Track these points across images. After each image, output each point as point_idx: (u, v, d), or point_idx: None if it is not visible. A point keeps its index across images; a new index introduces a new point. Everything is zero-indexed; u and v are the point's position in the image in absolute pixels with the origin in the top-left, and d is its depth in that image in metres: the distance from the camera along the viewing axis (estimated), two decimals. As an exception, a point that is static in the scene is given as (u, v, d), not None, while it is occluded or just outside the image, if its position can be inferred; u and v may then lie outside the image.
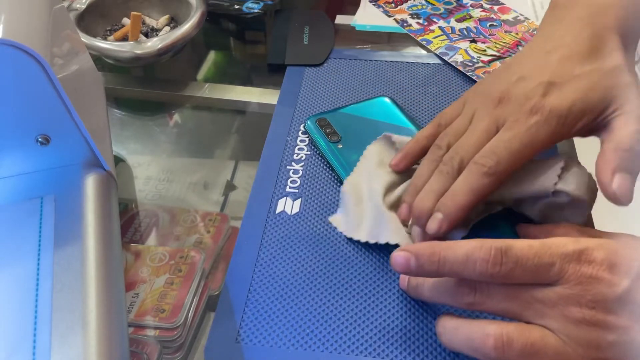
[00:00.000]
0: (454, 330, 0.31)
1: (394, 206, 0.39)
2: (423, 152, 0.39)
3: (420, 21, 0.60)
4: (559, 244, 0.29)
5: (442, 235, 0.35)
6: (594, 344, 0.27)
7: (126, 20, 0.56)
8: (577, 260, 0.28)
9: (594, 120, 0.34)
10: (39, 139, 0.34)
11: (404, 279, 0.35)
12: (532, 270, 0.28)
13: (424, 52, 0.56)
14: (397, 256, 0.31)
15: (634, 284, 0.27)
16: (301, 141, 0.46)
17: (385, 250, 0.38)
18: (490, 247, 0.29)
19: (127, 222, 0.42)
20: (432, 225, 0.35)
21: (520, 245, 0.29)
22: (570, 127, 0.34)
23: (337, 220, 0.40)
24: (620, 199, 0.32)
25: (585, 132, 0.35)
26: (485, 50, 0.55)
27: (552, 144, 0.35)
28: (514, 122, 0.35)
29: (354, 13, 0.62)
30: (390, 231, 0.37)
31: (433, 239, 0.35)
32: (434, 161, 0.37)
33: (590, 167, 0.35)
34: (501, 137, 0.35)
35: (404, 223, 0.38)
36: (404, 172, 0.40)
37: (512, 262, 0.28)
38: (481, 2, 0.63)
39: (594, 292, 0.27)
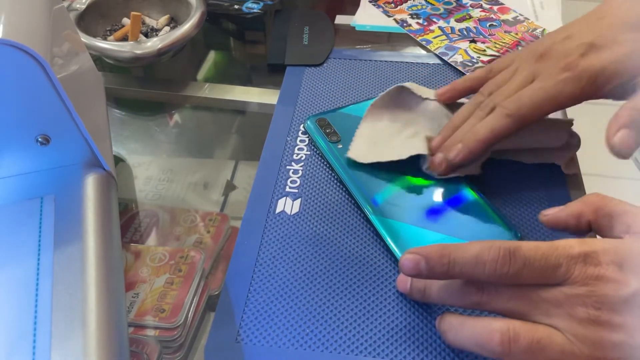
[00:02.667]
0: (459, 327, 0.31)
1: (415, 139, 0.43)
2: (467, 91, 0.43)
3: (420, 21, 0.60)
4: (565, 245, 0.29)
5: (458, 164, 0.39)
6: (599, 344, 0.27)
7: (126, 20, 0.56)
8: (584, 262, 0.28)
9: (624, 84, 0.36)
10: (39, 139, 0.34)
11: (404, 283, 0.35)
12: (539, 271, 0.28)
13: (423, 52, 0.56)
14: (405, 259, 0.31)
15: None
16: (301, 141, 0.46)
17: (385, 250, 0.38)
18: (499, 248, 0.29)
19: (127, 222, 0.42)
20: (452, 153, 0.39)
21: (528, 247, 0.29)
22: (599, 88, 0.37)
23: (355, 150, 0.43)
24: (620, 152, 0.33)
25: (616, 96, 0.37)
26: (484, 50, 0.55)
27: (579, 102, 0.38)
28: (546, 76, 0.38)
29: (354, 13, 0.62)
30: (416, 147, 0.41)
31: (450, 167, 0.39)
32: (474, 105, 0.41)
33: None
34: (531, 86, 0.38)
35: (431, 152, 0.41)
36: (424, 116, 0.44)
37: (520, 263, 0.29)
38: (481, 2, 0.63)
39: (600, 294, 0.27)
